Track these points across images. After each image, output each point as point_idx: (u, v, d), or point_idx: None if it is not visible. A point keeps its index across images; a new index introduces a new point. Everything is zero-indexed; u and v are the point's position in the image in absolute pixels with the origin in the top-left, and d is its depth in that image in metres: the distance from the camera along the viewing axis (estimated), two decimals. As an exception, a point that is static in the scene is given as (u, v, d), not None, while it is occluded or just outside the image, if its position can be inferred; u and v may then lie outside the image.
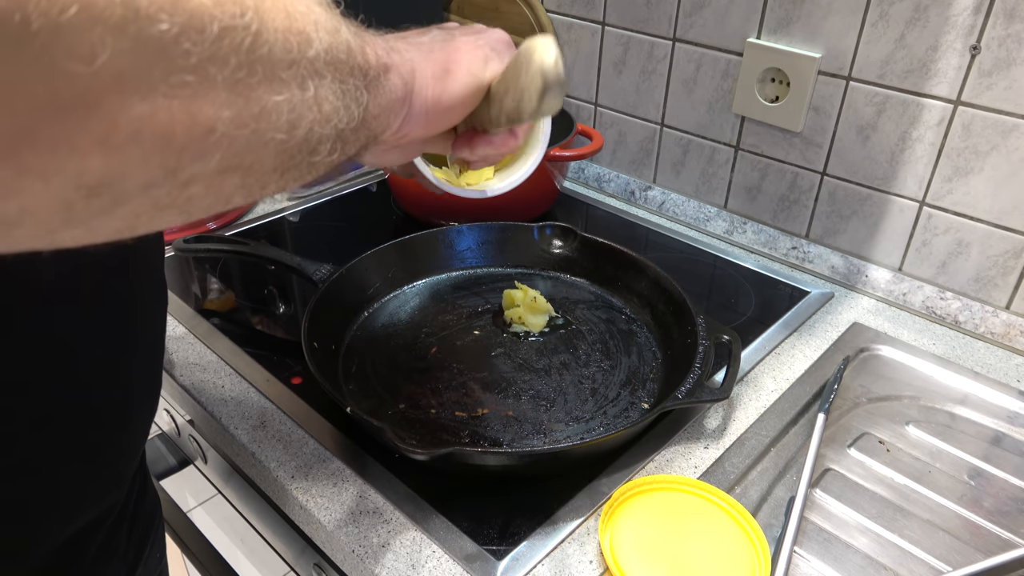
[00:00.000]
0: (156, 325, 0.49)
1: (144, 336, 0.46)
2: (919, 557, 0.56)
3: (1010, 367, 0.76)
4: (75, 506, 0.44)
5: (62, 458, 0.41)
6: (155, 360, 0.49)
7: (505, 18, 1.15)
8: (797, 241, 0.93)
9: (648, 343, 0.74)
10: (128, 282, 0.44)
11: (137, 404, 0.47)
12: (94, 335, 0.41)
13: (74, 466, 0.42)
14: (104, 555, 0.47)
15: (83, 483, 0.44)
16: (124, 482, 0.48)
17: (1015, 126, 0.73)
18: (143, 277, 0.46)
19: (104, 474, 0.45)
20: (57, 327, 0.39)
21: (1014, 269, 0.78)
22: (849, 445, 0.66)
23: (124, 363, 0.44)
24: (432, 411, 0.65)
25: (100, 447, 0.44)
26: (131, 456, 0.48)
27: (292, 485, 0.60)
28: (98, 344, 0.42)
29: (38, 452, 0.40)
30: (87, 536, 0.45)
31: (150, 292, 0.47)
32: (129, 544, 0.50)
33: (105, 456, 0.45)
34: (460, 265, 0.85)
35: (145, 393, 0.48)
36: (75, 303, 0.40)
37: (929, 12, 0.74)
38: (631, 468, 0.61)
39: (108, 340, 0.43)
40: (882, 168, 0.83)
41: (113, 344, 0.43)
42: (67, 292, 0.39)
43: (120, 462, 0.47)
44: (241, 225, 0.98)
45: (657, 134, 1.03)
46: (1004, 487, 0.62)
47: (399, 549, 0.55)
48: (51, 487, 0.42)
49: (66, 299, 0.39)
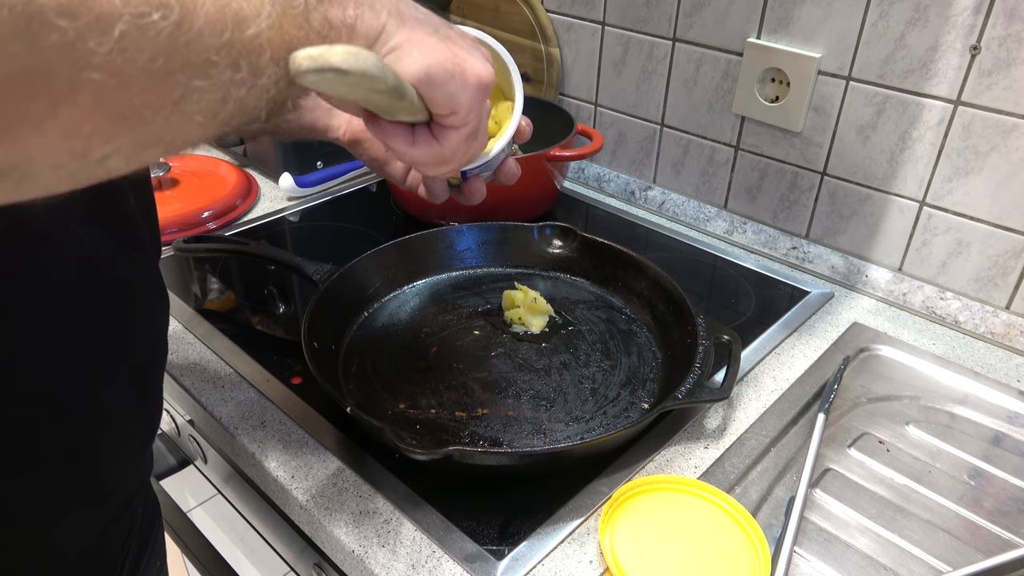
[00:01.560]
0: (156, 331, 0.49)
1: (142, 339, 0.46)
2: (919, 557, 0.56)
3: (1010, 367, 0.76)
4: (67, 509, 0.44)
5: (52, 459, 0.41)
6: (156, 367, 0.49)
7: (505, 18, 1.15)
8: (797, 241, 0.93)
9: (648, 343, 0.74)
10: (128, 284, 0.44)
11: (131, 411, 0.47)
12: (93, 337, 0.41)
13: (66, 468, 0.42)
14: (102, 562, 0.47)
15: (77, 486, 0.43)
16: (125, 486, 0.48)
17: (1015, 126, 0.73)
18: (144, 278, 0.46)
19: (102, 477, 0.45)
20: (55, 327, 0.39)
21: (1014, 269, 0.78)
22: (849, 445, 0.66)
23: (122, 367, 0.44)
24: (432, 411, 0.65)
25: (93, 450, 0.44)
26: (127, 462, 0.48)
27: (292, 485, 0.60)
28: (99, 344, 0.42)
29: (30, 454, 0.40)
30: (86, 540, 0.45)
31: (151, 298, 0.47)
32: (127, 552, 0.49)
33: (103, 459, 0.45)
34: (460, 265, 0.85)
35: (138, 401, 0.47)
36: (74, 307, 0.40)
37: (929, 12, 0.74)
38: (631, 468, 0.61)
39: (105, 342, 0.42)
40: (882, 168, 0.83)
41: (112, 345, 0.43)
42: (66, 296, 0.39)
43: (119, 466, 0.47)
44: (241, 225, 0.98)
45: (657, 134, 1.03)
46: (1004, 487, 0.62)
47: (399, 549, 0.55)
48: (41, 488, 0.41)
49: (65, 302, 0.39)
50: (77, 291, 0.40)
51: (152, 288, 0.47)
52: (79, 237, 0.39)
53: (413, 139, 0.39)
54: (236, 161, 1.12)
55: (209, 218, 0.96)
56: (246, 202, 1.02)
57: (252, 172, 1.10)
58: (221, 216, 0.98)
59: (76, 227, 0.39)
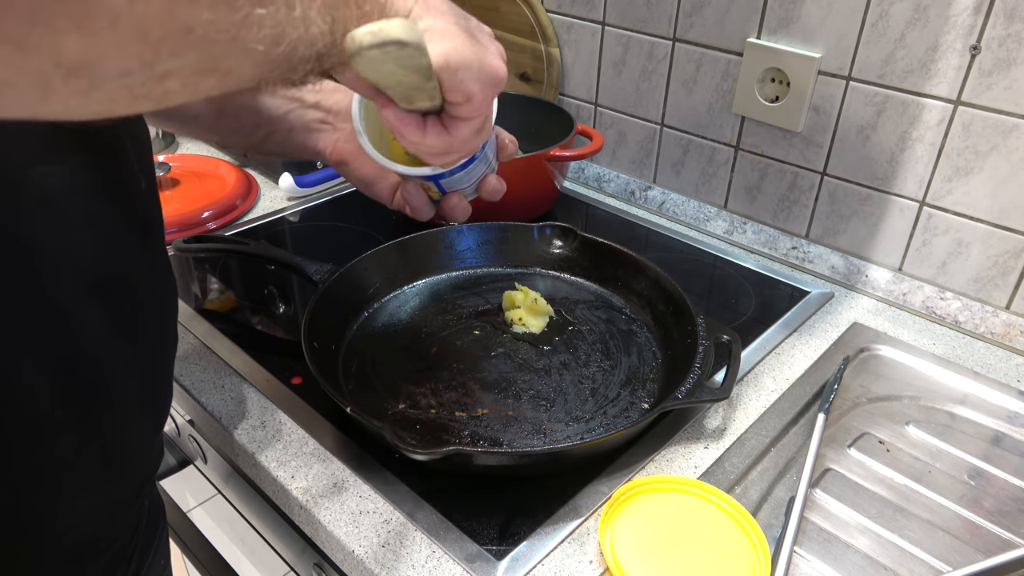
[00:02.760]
0: (165, 315, 0.49)
1: (149, 322, 0.47)
2: (919, 557, 0.56)
3: (1010, 367, 0.76)
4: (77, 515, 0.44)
5: (64, 434, 0.41)
6: (166, 351, 0.50)
7: (505, 18, 1.15)
8: (797, 241, 0.93)
9: (648, 343, 0.74)
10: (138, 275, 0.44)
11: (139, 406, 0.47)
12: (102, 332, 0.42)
13: (77, 445, 0.42)
14: (108, 554, 0.47)
15: (88, 463, 0.44)
16: (134, 472, 0.48)
17: (1015, 126, 0.73)
18: (152, 263, 0.46)
19: (113, 457, 0.46)
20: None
21: (1014, 269, 0.78)
22: (849, 445, 0.66)
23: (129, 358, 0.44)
24: (432, 411, 0.65)
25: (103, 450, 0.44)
26: (137, 446, 0.48)
27: (292, 485, 0.60)
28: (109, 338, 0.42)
29: (42, 428, 0.40)
30: (94, 524, 0.46)
31: (159, 282, 0.47)
32: (134, 548, 0.50)
33: (115, 439, 0.45)
34: (460, 265, 0.85)
35: (149, 384, 0.48)
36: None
37: (929, 12, 0.74)
38: (631, 468, 0.62)
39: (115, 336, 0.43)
40: (882, 168, 0.83)
41: (123, 324, 0.43)
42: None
43: (129, 448, 0.47)
44: (241, 225, 0.98)
45: (657, 134, 1.03)
46: (1004, 487, 0.62)
47: (399, 549, 0.55)
48: (53, 465, 0.42)
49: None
50: (87, 263, 0.40)
51: (160, 273, 0.48)
52: (93, 212, 0.40)
53: (425, 128, 0.41)
54: (236, 161, 1.12)
55: (209, 218, 0.96)
56: (246, 202, 1.02)
57: (252, 172, 1.10)
58: (221, 216, 0.98)
59: (89, 200, 0.39)
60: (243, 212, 1.00)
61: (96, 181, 0.40)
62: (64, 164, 0.37)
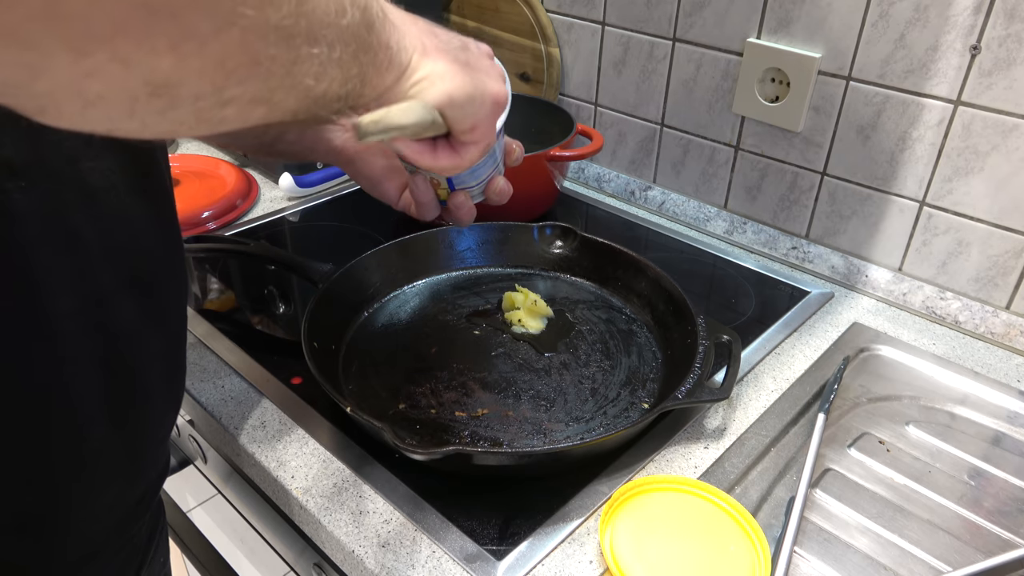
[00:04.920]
0: (177, 322, 0.50)
1: (169, 329, 0.47)
2: (919, 557, 0.56)
3: (1010, 367, 0.76)
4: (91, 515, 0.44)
5: (96, 425, 0.42)
6: (179, 343, 0.50)
7: (505, 18, 1.15)
8: (797, 241, 0.93)
9: (648, 343, 0.74)
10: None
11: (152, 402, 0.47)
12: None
13: (108, 436, 0.43)
14: (127, 548, 0.48)
15: (115, 456, 0.44)
16: (152, 467, 0.49)
17: (1015, 126, 0.73)
18: (174, 256, 0.47)
19: (139, 449, 0.46)
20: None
21: (1014, 269, 0.78)
22: (849, 445, 0.66)
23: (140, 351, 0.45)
24: (432, 411, 0.65)
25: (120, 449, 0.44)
26: (158, 443, 0.49)
27: (292, 485, 0.60)
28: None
29: (78, 419, 0.41)
30: (115, 519, 0.46)
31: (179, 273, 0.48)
32: (142, 545, 0.50)
33: (141, 430, 0.46)
34: (460, 265, 0.85)
35: (168, 376, 0.48)
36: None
37: (929, 12, 0.74)
38: (631, 468, 0.62)
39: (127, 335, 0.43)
40: (882, 168, 0.83)
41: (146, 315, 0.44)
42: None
43: (151, 441, 0.48)
44: (241, 225, 0.98)
45: (657, 134, 1.03)
46: (1004, 487, 0.62)
47: (399, 549, 0.55)
48: (87, 455, 0.42)
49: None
50: (125, 257, 0.42)
51: (180, 269, 0.49)
52: (128, 207, 0.41)
53: (436, 152, 0.44)
54: (236, 161, 1.12)
55: (209, 218, 0.96)
56: (246, 202, 1.02)
57: (252, 172, 1.10)
58: (221, 216, 0.98)
59: (126, 196, 0.41)
60: (243, 212, 1.00)
61: (133, 177, 0.41)
62: (104, 161, 0.39)
